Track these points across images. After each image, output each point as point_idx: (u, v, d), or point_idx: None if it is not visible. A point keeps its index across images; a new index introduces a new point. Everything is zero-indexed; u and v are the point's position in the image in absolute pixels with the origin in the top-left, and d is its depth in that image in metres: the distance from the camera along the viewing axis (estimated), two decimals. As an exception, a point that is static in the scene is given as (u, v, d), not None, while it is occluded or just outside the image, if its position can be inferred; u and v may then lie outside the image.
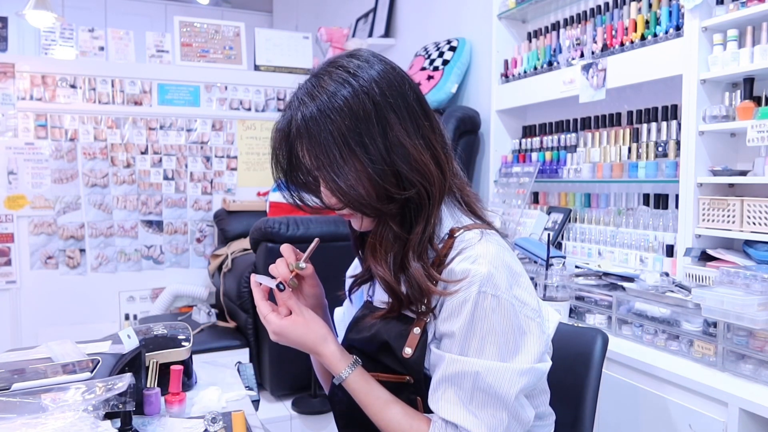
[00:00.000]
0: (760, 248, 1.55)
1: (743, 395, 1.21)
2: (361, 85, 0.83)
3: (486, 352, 0.81)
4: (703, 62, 1.67)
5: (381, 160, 0.83)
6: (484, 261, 0.82)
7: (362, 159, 0.82)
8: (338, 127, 0.82)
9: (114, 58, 3.19)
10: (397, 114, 0.85)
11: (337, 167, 0.83)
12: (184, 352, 1.12)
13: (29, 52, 5.13)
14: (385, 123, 0.83)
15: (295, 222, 2.38)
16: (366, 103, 0.83)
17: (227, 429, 0.94)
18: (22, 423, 0.78)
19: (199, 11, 5.71)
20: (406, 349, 0.87)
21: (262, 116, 3.43)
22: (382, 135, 0.83)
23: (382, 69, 0.87)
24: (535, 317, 0.85)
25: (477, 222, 0.92)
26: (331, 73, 0.86)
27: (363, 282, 1.02)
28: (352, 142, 0.82)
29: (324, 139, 0.82)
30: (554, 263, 1.72)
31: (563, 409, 1.09)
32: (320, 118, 0.82)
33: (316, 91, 0.85)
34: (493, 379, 0.80)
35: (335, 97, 0.83)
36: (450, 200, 0.93)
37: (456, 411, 0.82)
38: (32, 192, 3.00)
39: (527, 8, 2.43)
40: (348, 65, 0.86)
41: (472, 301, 0.81)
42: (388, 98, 0.84)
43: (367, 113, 0.82)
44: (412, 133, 0.85)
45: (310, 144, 0.84)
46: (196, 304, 3.15)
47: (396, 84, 0.86)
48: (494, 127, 2.58)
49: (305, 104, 0.84)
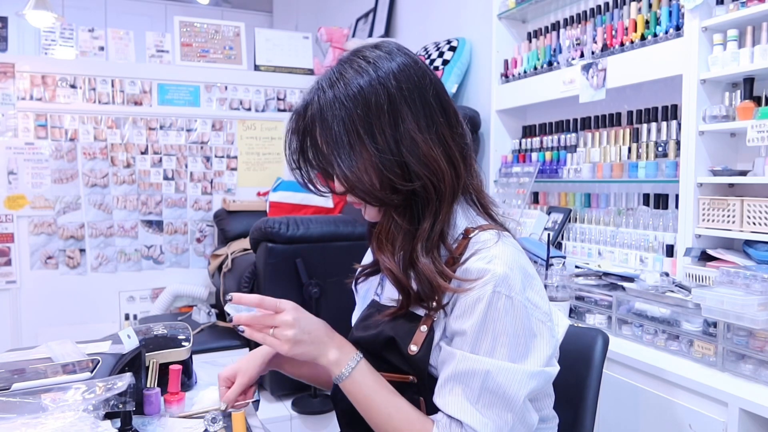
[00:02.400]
0: (760, 248, 1.55)
1: (743, 395, 1.21)
2: (379, 76, 0.85)
3: (497, 352, 0.81)
4: (703, 62, 1.67)
5: (388, 150, 0.84)
6: (500, 262, 0.83)
7: (369, 147, 0.84)
8: (350, 114, 0.84)
9: (114, 58, 3.19)
10: (411, 107, 0.86)
11: (345, 153, 0.85)
12: (184, 352, 1.12)
13: (29, 52, 5.13)
14: (398, 115, 0.85)
15: (295, 222, 2.38)
16: (380, 93, 0.84)
17: (227, 429, 0.94)
18: (22, 423, 0.78)
19: (199, 11, 5.71)
20: (412, 347, 0.87)
21: (262, 116, 3.43)
22: (393, 126, 0.84)
23: (402, 62, 0.88)
24: (547, 321, 0.85)
25: (492, 224, 0.93)
26: (352, 62, 0.88)
27: (370, 273, 1.02)
28: (362, 130, 0.84)
29: (336, 125, 0.84)
30: (554, 263, 1.72)
31: (564, 409, 1.09)
32: (335, 104, 0.85)
33: (335, 78, 0.87)
34: (504, 379, 0.80)
35: (351, 85, 0.85)
36: (465, 201, 0.94)
37: (462, 408, 0.82)
38: (32, 192, 3.00)
39: (527, 8, 2.43)
40: (369, 56, 0.88)
41: (486, 300, 0.81)
42: (403, 91, 0.85)
43: (379, 103, 0.84)
44: (424, 128, 0.86)
45: (322, 128, 0.86)
46: (196, 304, 3.15)
47: (415, 78, 0.87)
48: (494, 127, 2.58)
49: (323, 90, 0.87)
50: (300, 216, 2.52)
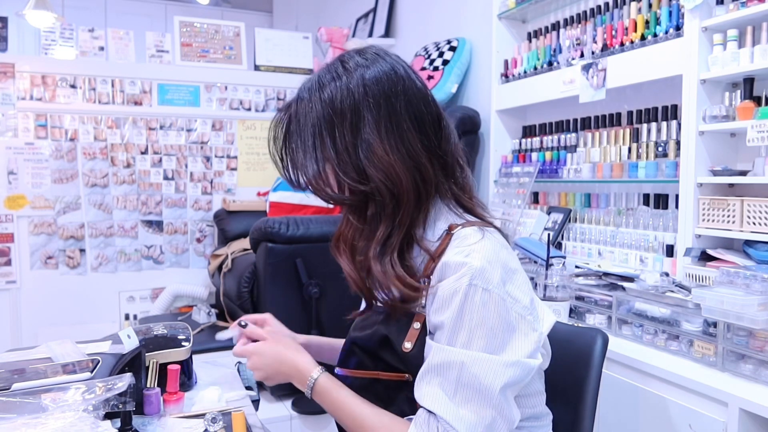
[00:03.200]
0: (760, 248, 1.55)
1: (743, 395, 1.21)
2: (348, 81, 0.90)
3: (473, 344, 0.81)
4: (703, 62, 1.67)
5: (346, 153, 0.89)
6: (478, 255, 0.83)
7: (329, 149, 0.90)
8: (318, 115, 0.90)
9: (114, 58, 3.19)
10: (373, 114, 0.89)
11: (309, 152, 0.91)
12: (184, 352, 1.12)
13: (29, 52, 5.13)
14: (360, 120, 0.89)
15: (295, 222, 2.38)
16: (345, 98, 0.89)
17: (227, 429, 0.94)
18: (22, 423, 0.78)
19: (199, 11, 5.71)
20: (406, 344, 0.88)
21: (262, 116, 3.43)
22: (353, 131, 0.89)
23: (378, 70, 0.91)
24: (527, 314, 0.85)
25: (477, 221, 0.93)
26: (334, 67, 0.94)
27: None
28: (325, 131, 0.90)
29: (304, 125, 0.92)
30: (554, 263, 1.72)
31: (563, 409, 1.09)
32: (308, 104, 0.92)
33: (315, 80, 0.93)
34: (479, 369, 0.80)
35: (324, 89, 0.91)
36: (445, 204, 0.95)
37: (438, 402, 0.81)
38: (32, 192, 3.01)
39: (527, 8, 2.43)
40: (348, 61, 0.93)
41: (462, 292, 0.81)
42: (368, 98, 0.89)
43: (343, 108, 0.89)
44: (384, 135, 0.89)
45: (296, 126, 0.93)
46: (196, 304, 3.15)
47: (385, 87, 0.90)
48: (494, 127, 2.58)
49: (305, 90, 0.94)
50: (300, 216, 2.52)
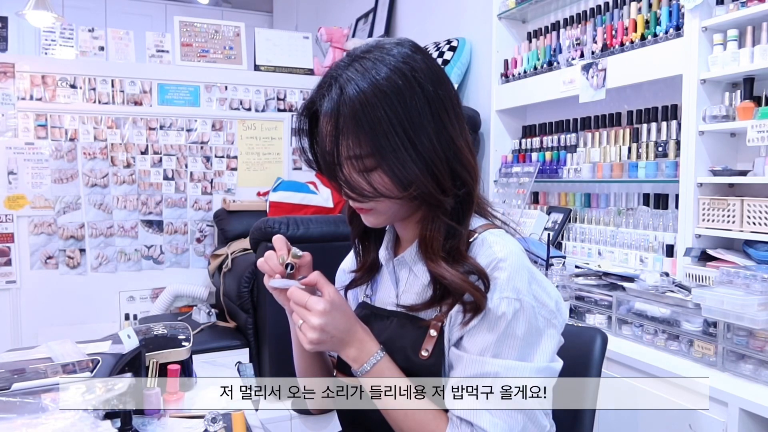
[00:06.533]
0: (760, 248, 1.55)
1: (743, 395, 1.21)
2: (416, 77, 0.81)
3: (505, 353, 0.81)
4: (703, 62, 1.67)
5: (432, 149, 0.82)
6: (504, 265, 0.82)
7: (420, 145, 0.81)
8: (396, 114, 0.79)
9: (114, 58, 3.18)
10: (448, 107, 0.85)
11: (400, 155, 0.80)
12: (184, 352, 1.12)
13: (29, 52, 5.13)
14: (438, 119, 0.83)
15: (295, 222, 2.38)
16: (416, 90, 0.81)
17: (227, 429, 0.94)
18: (22, 423, 0.78)
19: (199, 11, 5.71)
20: (423, 352, 0.86)
21: (262, 116, 3.43)
22: (437, 131, 0.82)
23: (431, 62, 0.86)
24: (552, 318, 0.85)
25: (491, 223, 0.92)
26: (384, 60, 0.81)
27: (361, 280, 1.02)
28: (412, 132, 0.80)
29: (384, 125, 0.78)
30: (554, 263, 1.72)
31: (563, 408, 1.09)
32: (376, 103, 0.78)
33: (370, 75, 0.80)
34: (511, 377, 0.81)
35: (390, 82, 0.79)
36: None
37: (472, 410, 0.81)
38: (32, 192, 3.00)
39: (527, 8, 2.43)
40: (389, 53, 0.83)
41: (494, 305, 0.81)
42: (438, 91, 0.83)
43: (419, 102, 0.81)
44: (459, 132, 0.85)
45: (359, 129, 0.79)
46: (196, 304, 3.15)
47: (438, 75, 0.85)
48: (494, 127, 2.58)
49: (352, 83, 0.79)
50: (300, 216, 2.52)
